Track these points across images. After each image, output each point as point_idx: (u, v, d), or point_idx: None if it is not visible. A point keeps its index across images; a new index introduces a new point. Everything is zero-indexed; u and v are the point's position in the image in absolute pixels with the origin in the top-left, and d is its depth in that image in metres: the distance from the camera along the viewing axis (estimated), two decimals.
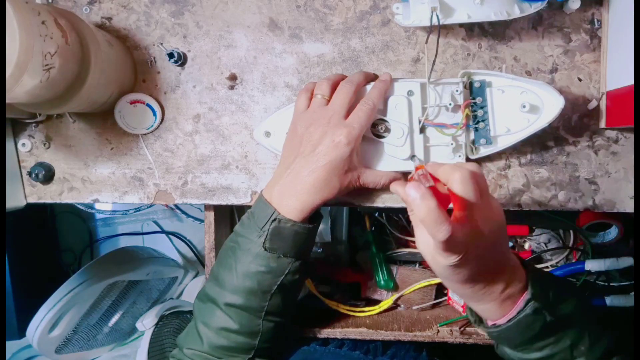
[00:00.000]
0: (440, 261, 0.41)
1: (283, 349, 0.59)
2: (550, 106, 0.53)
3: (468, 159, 0.56)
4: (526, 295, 0.44)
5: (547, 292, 0.45)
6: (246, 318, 0.52)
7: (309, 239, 0.53)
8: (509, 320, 0.44)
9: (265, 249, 0.50)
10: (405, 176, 0.57)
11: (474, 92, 0.55)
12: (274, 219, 0.50)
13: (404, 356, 0.66)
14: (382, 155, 0.56)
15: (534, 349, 0.46)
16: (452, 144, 0.55)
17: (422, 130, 0.55)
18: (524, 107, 0.52)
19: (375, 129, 0.55)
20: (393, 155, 0.55)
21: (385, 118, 0.55)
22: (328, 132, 0.50)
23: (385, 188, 0.57)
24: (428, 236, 0.40)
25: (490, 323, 0.47)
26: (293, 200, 0.51)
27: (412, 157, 0.55)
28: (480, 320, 0.49)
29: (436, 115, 0.55)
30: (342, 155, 0.50)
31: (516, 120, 0.54)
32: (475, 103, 0.54)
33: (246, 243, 0.51)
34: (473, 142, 0.56)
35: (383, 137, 0.55)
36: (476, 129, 0.55)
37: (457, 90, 0.54)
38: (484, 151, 0.56)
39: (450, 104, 0.53)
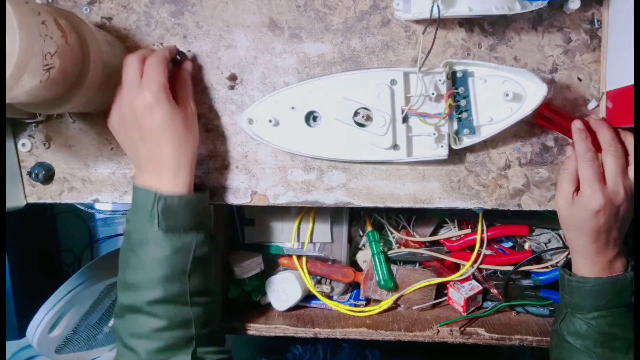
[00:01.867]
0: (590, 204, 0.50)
1: (222, 332, 0.58)
2: (533, 94, 0.53)
3: (451, 149, 0.56)
4: (628, 268, 0.53)
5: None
6: (173, 310, 0.50)
7: (202, 207, 0.53)
8: (610, 277, 0.52)
9: (163, 231, 0.49)
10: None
11: (457, 82, 0.55)
12: (159, 200, 0.49)
13: None
14: (363, 144, 0.56)
15: (608, 323, 0.51)
16: (434, 134, 0.55)
17: (405, 119, 0.55)
18: (507, 95, 0.52)
19: (357, 117, 0.55)
20: (375, 144, 0.55)
21: (367, 106, 0.55)
22: (135, 106, 0.50)
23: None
24: (570, 186, 0.52)
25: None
26: (168, 176, 0.50)
27: (395, 146, 0.55)
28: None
29: (419, 105, 0.55)
30: (163, 114, 0.50)
31: (499, 110, 0.54)
32: (457, 93, 0.54)
33: (140, 235, 0.50)
34: (456, 132, 0.56)
35: (364, 125, 0.55)
36: (459, 119, 0.55)
37: (440, 80, 0.54)
38: (467, 141, 0.56)
39: (433, 94, 0.54)
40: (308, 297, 0.75)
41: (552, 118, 0.55)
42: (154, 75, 0.50)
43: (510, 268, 0.71)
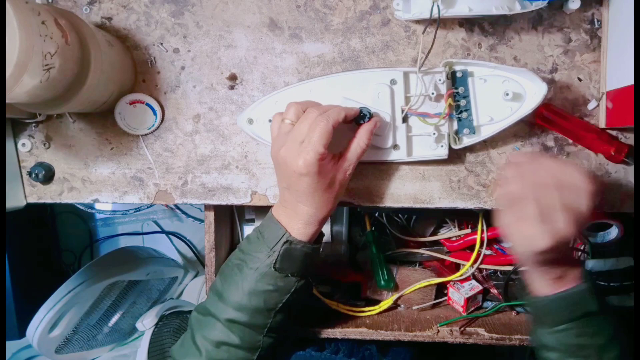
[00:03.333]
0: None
1: None
2: (532, 93, 0.53)
3: (451, 149, 0.56)
4: (581, 280, 0.49)
5: (594, 286, 0.50)
6: (248, 334, 0.52)
7: (315, 258, 0.54)
8: (563, 292, 0.49)
9: (275, 269, 0.51)
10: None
11: (457, 82, 0.55)
12: (286, 241, 0.51)
13: None
14: None
15: (571, 335, 0.49)
16: (434, 134, 0.55)
17: (405, 119, 0.55)
18: (507, 95, 0.53)
19: (358, 117, 0.55)
20: (375, 144, 0.55)
21: (367, 106, 0.55)
22: (289, 163, 0.50)
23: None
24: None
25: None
26: (300, 224, 0.52)
27: (395, 146, 0.56)
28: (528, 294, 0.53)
29: (419, 105, 0.55)
30: (309, 184, 0.50)
31: (499, 109, 0.54)
32: (457, 93, 0.54)
33: (254, 262, 0.52)
34: (456, 132, 0.56)
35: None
36: (459, 119, 0.55)
37: (440, 80, 0.54)
38: (467, 141, 0.56)
39: (433, 93, 0.54)
40: (308, 297, 0.75)
41: (552, 118, 0.55)
42: (315, 142, 0.48)
43: (510, 268, 0.71)
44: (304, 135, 0.49)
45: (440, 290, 0.75)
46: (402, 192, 0.59)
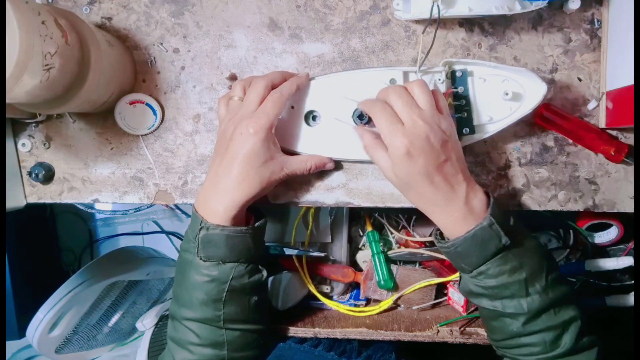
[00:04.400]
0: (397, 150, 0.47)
1: (263, 357, 0.59)
2: (532, 93, 0.53)
3: None
4: (486, 214, 0.47)
5: (507, 218, 0.48)
6: (206, 329, 0.52)
7: (248, 241, 0.52)
8: (466, 233, 0.47)
9: (201, 259, 0.51)
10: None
11: (457, 82, 0.55)
12: (201, 228, 0.50)
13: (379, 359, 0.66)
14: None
15: (489, 275, 0.47)
16: None
17: None
18: (507, 94, 0.52)
19: (361, 118, 0.55)
20: None
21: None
22: (237, 126, 0.50)
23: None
24: (383, 153, 0.49)
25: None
26: (214, 203, 0.50)
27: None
28: (442, 239, 0.51)
29: None
30: (252, 146, 0.49)
31: (499, 109, 0.54)
32: (457, 92, 0.54)
33: (187, 256, 0.52)
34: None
35: (368, 124, 0.55)
36: (459, 118, 0.55)
37: (439, 79, 0.54)
38: (467, 141, 0.56)
39: None
40: (308, 297, 0.75)
41: (552, 118, 0.55)
42: (268, 110, 0.50)
43: None
44: (256, 104, 0.51)
45: (440, 290, 0.75)
46: None
